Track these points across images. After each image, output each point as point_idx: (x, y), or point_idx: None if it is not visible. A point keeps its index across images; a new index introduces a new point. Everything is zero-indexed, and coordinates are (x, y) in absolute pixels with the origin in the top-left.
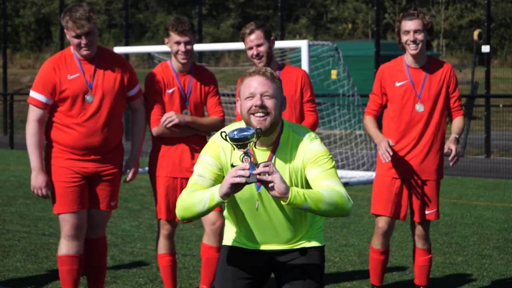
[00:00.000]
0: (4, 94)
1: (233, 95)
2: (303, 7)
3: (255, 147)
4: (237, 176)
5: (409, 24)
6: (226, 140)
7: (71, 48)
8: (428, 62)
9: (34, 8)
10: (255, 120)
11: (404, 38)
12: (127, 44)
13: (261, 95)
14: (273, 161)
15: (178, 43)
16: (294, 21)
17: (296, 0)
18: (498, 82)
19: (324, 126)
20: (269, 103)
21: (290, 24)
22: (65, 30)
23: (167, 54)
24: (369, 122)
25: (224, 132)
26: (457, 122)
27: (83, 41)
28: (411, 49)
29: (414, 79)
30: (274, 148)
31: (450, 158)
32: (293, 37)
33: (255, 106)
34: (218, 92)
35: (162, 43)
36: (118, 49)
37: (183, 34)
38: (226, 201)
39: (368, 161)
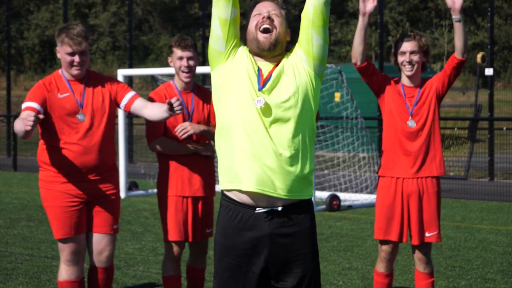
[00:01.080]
0: (7, 116)
1: None
2: None
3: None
4: None
5: (406, 45)
6: None
7: (59, 70)
8: (421, 81)
9: (38, 30)
10: (261, 36)
11: (400, 59)
12: (130, 66)
13: (269, 12)
14: (275, 72)
15: (181, 58)
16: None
17: (299, 23)
18: (502, 105)
19: (327, 149)
20: (276, 19)
21: (294, 47)
22: (57, 48)
23: (171, 76)
24: None
25: None
26: None
27: (77, 59)
28: (407, 70)
29: (408, 96)
30: (279, 61)
31: None
32: None
33: (263, 18)
34: None
35: (166, 65)
36: (121, 71)
37: (186, 49)
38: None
39: (371, 184)
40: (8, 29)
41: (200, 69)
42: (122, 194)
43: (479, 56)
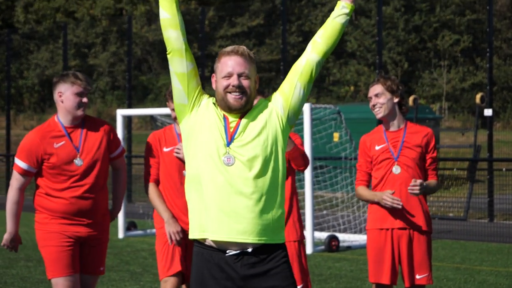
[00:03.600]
0: (7, 156)
1: None
2: None
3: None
4: None
5: (371, 90)
6: None
7: (55, 117)
8: (406, 126)
9: (38, 69)
10: (231, 98)
11: (370, 104)
12: (130, 106)
13: (239, 76)
14: (243, 121)
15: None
16: None
17: None
18: (501, 145)
19: (326, 189)
20: (246, 83)
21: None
22: (60, 92)
23: (169, 116)
24: (361, 190)
25: None
26: (431, 181)
27: (85, 99)
28: (376, 114)
29: (391, 142)
30: (245, 113)
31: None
32: None
33: (233, 86)
34: None
35: (165, 105)
36: (120, 111)
37: None
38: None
39: None
40: (8, 69)
41: None
42: (121, 234)
43: (478, 96)
